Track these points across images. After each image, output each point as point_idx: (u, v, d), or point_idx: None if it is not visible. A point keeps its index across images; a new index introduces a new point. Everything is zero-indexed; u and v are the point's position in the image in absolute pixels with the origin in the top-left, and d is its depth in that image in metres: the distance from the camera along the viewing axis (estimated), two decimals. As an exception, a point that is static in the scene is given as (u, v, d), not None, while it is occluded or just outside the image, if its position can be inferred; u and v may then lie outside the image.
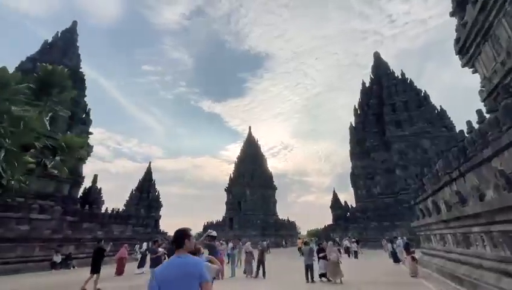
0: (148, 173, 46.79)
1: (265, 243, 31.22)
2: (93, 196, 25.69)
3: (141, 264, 13.64)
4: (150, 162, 47.74)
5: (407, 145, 35.25)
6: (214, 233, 6.62)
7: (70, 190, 21.22)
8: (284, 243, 42.34)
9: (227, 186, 56.77)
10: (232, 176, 57.16)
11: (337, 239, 30.15)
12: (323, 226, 44.56)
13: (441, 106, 37.13)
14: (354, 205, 39.05)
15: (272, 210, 51.57)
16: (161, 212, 45.26)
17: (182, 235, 2.23)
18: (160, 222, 45.46)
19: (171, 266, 2.11)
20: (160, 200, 45.48)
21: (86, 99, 25.17)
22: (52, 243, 16.17)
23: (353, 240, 22.59)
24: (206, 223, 54.87)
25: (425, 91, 39.15)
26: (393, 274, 11.57)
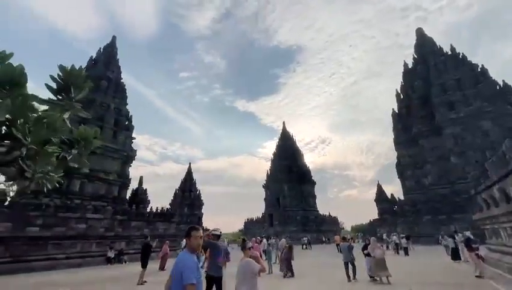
0: (189, 173, 49.04)
1: (305, 239, 30.61)
2: (140, 196, 27.67)
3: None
4: (189, 163, 50.05)
5: (463, 129, 31.15)
6: (218, 232, 6.17)
7: (119, 192, 23.07)
8: (326, 239, 40.90)
9: (264, 183, 56.92)
10: (268, 172, 57.06)
11: (384, 235, 28.00)
12: (368, 221, 41.96)
13: (503, 81, 31.99)
14: (401, 198, 35.92)
15: (311, 205, 50.21)
16: (204, 211, 47.21)
17: (187, 232, 2.45)
18: (204, 219, 47.44)
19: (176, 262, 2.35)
20: (202, 198, 47.35)
21: (127, 107, 27.11)
22: (106, 240, 17.72)
23: (402, 235, 20.66)
24: (246, 220, 55.79)
25: (482, 66, 34.08)
26: (453, 274, 10.12)
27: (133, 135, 26.20)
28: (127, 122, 25.60)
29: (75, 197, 19.00)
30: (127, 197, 25.86)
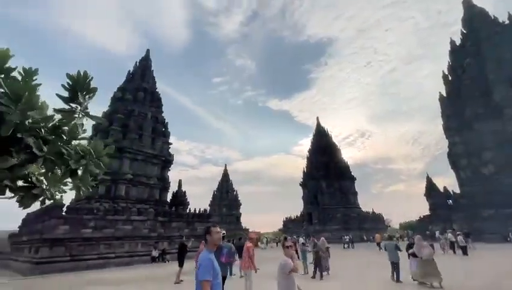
0: (225, 174, 50.23)
1: (347, 237, 29.07)
2: (180, 198, 29.04)
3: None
4: (225, 165, 51.27)
5: (530, 107, 26.71)
6: (221, 233, 6.36)
7: (160, 194, 24.44)
8: (370, 237, 38.39)
9: (301, 181, 55.77)
10: (305, 170, 55.81)
11: (437, 232, 25.28)
12: (418, 218, 38.37)
13: None
14: (456, 191, 32.12)
15: (352, 202, 47.73)
16: (243, 211, 47.96)
17: (204, 231, 2.63)
18: (242, 219, 48.21)
19: None
20: (239, 199, 48.12)
21: (163, 115, 28.65)
22: (150, 240, 18.86)
23: (458, 232, 18.34)
24: (285, 219, 55.23)
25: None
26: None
27: (174, 141, 27.69)
28: (163, 129, 27.05)
29: (121, 201, 20.61)
30: (168, 200, 27.33)
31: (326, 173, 50.68)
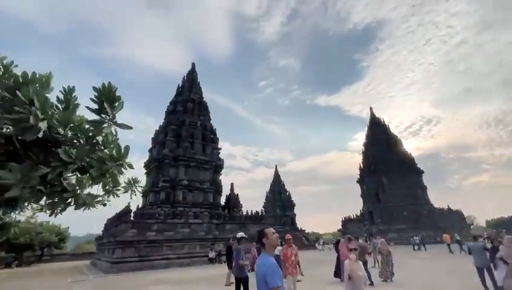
0: (277, 175, 50.03)
1: (416, 238, 25.67)
2: (233, 201, 29.90)
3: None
4: (276, 166, 51.08)
5: None
6: (239, 235, 6.28)
7: (214, 198, 25.51)
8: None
9: (358, 178, 52.02)
10: (361, 166, 51.93)
11: (542, 231, 20.35)
12: None
13: None
14: None
15: (421, 198, 42.25)
16: (298, 212, 47.00)
17: (258, 235, 2.44)
18: (299, 220, 47.17)
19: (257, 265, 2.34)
20: (293, 199, 47.28)
21: (211, 122, 30.03)
22: (207, 242, 19.73)
23: None
24: (343, 219, 52.09)
25: None
26: None
27: (228, 147, 29.16)
28: (212, 136, 28.31)
29: (179, 205, 22.16)
30: (222, 203, 28.39)
31: (387, 167, 46.15)
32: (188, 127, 26.53)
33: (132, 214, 18.17)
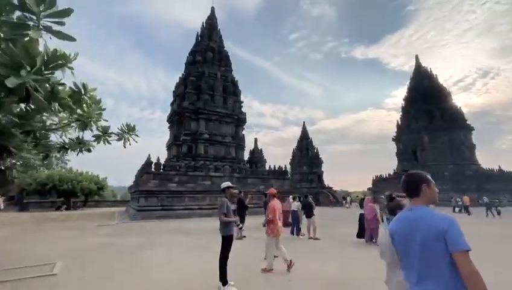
0: (304, 131, 48.02)
1: (459, 199, 23.16)
2: (256, 156, 29.28)
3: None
4: (303, 122, 48.69)
5: None
6: (225, 184, 4.96)
7: (236, 152, 24.91)
8: (495, 201, 29.84)
9: (394, 135, 47.97)
10: (399, 122, 47.44)
11: None
12: None
13: None
14: None
15: (467, 158, 37.92)
16: (328, 171, 45.84)
17: (416, 180, 1.63)
18: (328, 179, 46.09)
19: (403, 222, 1.59)
20: (320, 157, 45.68)
21: (233, 73, 28.07)
22: (234, 196, 19.59)
23: None
24: (374, 178, 49.89)
25: None
26: None
27: (257, 105, 29.18)
28: (233, 88, 26.64)
29: (200, 159, 21.97)
30: (246, 158, 27.90)
31: (430, 123, 41.43)
32: (207, 78, 25.04)
33: (153, 166, 18.31)
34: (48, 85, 4.21)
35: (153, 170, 18.04)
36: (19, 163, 7.58)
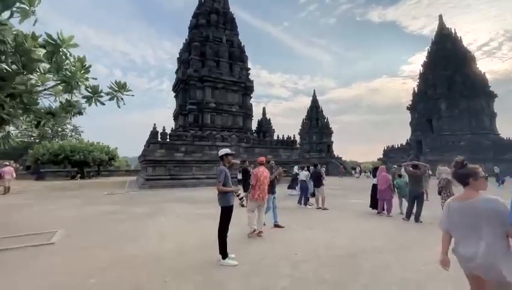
0: (314, 100, 46.40)
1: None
2: (264, 126, 28.64)
3: (291, 186, 13.63)
4: (313, 90, 46.80)
5: None
6: (224, 150, 4.58)
7: (244, 122, 24.30)
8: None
9: (410, 104, 45.72)
10: (416, 90, 44.86)
11: None
12: None
13: None
14: None
15: (486, 127, 36.06)
16: (339, 141, 45.14)
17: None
18: (339, 149, 45.50)
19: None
20: (330, 126, 44.58)
21: (239, 38, 26.38)
22: (235, 164, 19.44)
23: None
24: (386, 148, 48.79)
25: None
26: None
27: (266, 75, 28.03)
28: (240, 53, 25.20)
29: (207, 128, 21.57)
30: (254, 128, 27.35)
31: (449, 90, 38.95)
32: (212, 43, 23.63)
33: (159, 136, 18.08)
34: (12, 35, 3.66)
35: (159, 139, 17.85)
36: (13, 131, 7.31)
